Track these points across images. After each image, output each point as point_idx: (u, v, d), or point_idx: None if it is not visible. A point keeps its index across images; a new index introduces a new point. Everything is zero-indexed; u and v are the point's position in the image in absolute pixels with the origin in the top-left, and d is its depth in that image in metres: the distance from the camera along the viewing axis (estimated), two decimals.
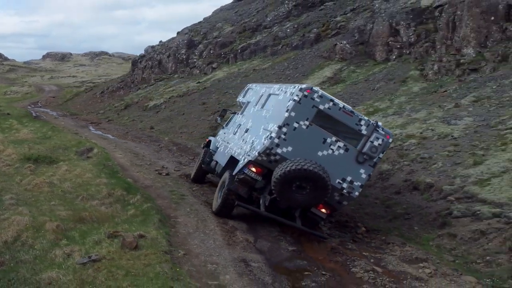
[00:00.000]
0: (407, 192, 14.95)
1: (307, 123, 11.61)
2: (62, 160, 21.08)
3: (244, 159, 12.47)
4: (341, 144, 11.80)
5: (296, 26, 41.85)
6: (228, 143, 15.03)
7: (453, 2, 27.61)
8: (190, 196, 15.44)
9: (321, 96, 11.70)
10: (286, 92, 12.49)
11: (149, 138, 28.91)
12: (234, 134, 14.89)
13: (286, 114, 11.58)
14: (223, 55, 44.05)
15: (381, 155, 11.94)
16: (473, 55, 25.24)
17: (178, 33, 60.65)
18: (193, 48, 47.40)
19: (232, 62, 42.40)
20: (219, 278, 9.59)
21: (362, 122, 11.83)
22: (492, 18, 25.30)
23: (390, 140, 12.08)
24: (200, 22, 55.68)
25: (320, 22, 40.18)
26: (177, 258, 10.42)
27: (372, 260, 10.88)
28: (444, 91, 23.17)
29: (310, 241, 12.20)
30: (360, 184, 11.89)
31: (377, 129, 11.87)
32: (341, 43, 33.58)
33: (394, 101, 24.00)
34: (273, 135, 11.59)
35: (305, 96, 11.57)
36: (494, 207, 11.94)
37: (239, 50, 43.01)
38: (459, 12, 26.59)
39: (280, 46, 39.77)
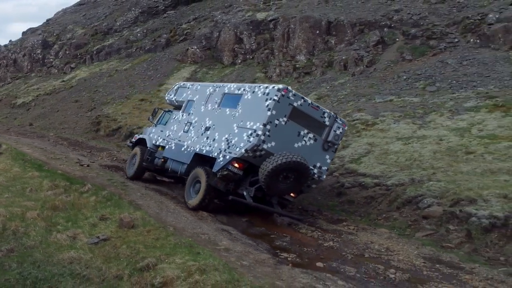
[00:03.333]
0: None
1: (285, 119, 11.49)
2: None
3: (225, 156, 11.90)
4: (311, 135, 11.87)
5: (145, 31, 41.36)
6: (180, 141, 14.10)
7: (286, 17, 30.14)
8: (130, 183, 15.15)
9: (294, 95, 11.64)
10: (254, 92, 12.12)
11: (34, 134, 26.95)
12: (186, 132, 14.00)
13: (269, 113, 11.29)
14: (79, 56, 41.80)
15: (339, 142, 12.36)
16: (305, 61, 28.04)
17: (23, 33, 55.51)
18: (49, 49, 44.11)
19: (89, 63, 40.48)
20: (219, 244, 9.95)
21: (325, 115, 11.97)
22: (317, 31, 28.30)
23: (346, 128, 12.44)
24: (48, 24, 51.59)
25: (166, 28, 40.24)
26: (173, 232, 10.52)
27: (307, 224, 12.38)
28: None
29: (251, 214, 12.96)
30: (326, 168, 12.16)
31: (336, 119, 12.09)
32: (192, 48, 34.34)
33: None
34: (259, 132, 11.26)
35: (283, 95, 11.38)
36: (373, 179, 14.18)
37: (94, 52, 41.21)
38: (292, 26, 29.16)
39: (134, 49, 39.07)
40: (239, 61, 31.48)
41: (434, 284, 8.55)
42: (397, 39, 26.30)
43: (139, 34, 41.03)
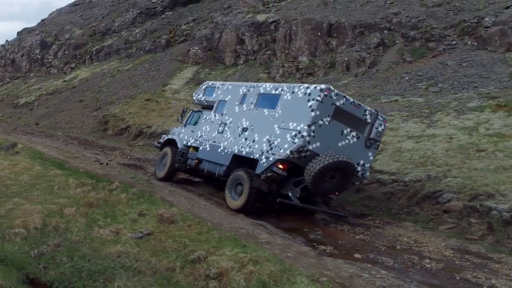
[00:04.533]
0: None
1: (328, 119, 11.42)
2: None
3: (268, 158, 11.81)
4: (354, 133, 11.82)
5: (144, 32, 41.47)
6: (215, 142, 13.90)
7: (287, 19, 30.62)
8: (155, 181, 15.39)
9: (336, 94, 11.56)
10: (294, 92, 11.99)
11: (42, 133, 27.04)
12: (221, 133, 13.83)
13: (313, 114, 11.20)
14: (78, 56, 41.74)
15: (381, 138, 12.35)
16: (307, 62, 28.55)
17: (18, 33, 55.12)
18: (47, 49, 43.96)
19: (89, 63, 40.47)
20: (259, 237, 10.35)
21: (367, 112, 11.95)
22: (319, 33, 28.84)
23: (387, 125, 12.46)
24: (45, 24, 51.32)
25: (165, 29, 40.41)
26: (213, 226, 10.83)
27: (333, 218, 12.87)
28: None
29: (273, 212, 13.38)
30: (369, 165, 12.20)
31: (378, 116, 12.06)
32: (194, 49, 34.61)
33: None
34: (304, 133, 11.19)
35: (326, 95, 11.31)
36: (390, 175, 14.72)
37: (94, 52, 41.19)
38: (294, 28, 29.65)
39: (134, 49, 39.16)
40: (241, 61, 31.86)
41: (468, 273, 9.09)
42: (397, 41, 26.97)
43: (138, 35, 41.13)
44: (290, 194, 11.95)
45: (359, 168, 11.92)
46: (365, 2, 31.07)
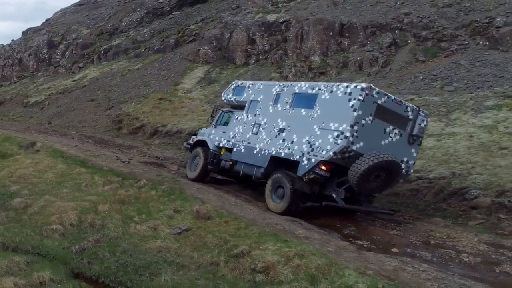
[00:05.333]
0: None
1: (371, 118, 11.28)
2: (12, 155, 19.35)
3: (310, 159, 11.68)
4: (396, 131, 11.69)
5: (152, 31, 41.63)
6: (250, 143, 13.72)
7: (299, 19, 30.85)
8: (181, 179, 15.52)
9: (378, 92, 11.45)
10: (333, 91, 11.85)
11: (56, 132, 27.14)
12: (255, 134, 13.65)
13: (355, 113, 11.05)
14: (86, 56, 41.89)
15: (424, 134, 12.24)
16: (319, 62, 28.78)
17: (23, 32, 55.22)
18: (55, 48, 44.07)
19: (97, 63, 40.59)
20: (297, 233, 10.52)
21: (408, 109, 11.83)
22: (331, 33, 29.07)
23: (429, 120, 12.32)
24: (50, 24, 51.43)
25: (173, 29, 40.58)
26: (249, 222, 11.03)
27: (363, 216, 13.09)
28: None
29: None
30: (413, 162, 12.03)
31: (419, 112, 11.94)
32: (204, 49, 34.79)
33: None
34: (348, 134, 11.04)
35: (367, 94, 11.14)
36: (414, 173, 14.83)
37: (102, 52, 41.33)
38: (306, 28, 29.86)
39: (143, 49, 39.31)
40: (252, 61, 32.05)
41: (507, 266, 9.33)
42: (409, 41, 27.21)
43: (146, 35, 41.28)
44: (334, 195, 11.80)
45: (403, 165, 11.75)
46: (375, 3, 31.32)
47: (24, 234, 11.16)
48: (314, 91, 12.44)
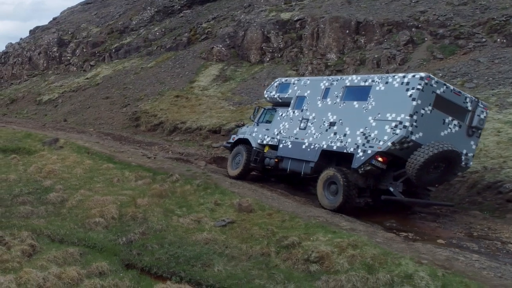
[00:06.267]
0: None
1: (430, 108, 11.14)
2: (37, 151, 19.49)
3: (365, 151, 11.52)
4: (455, 122, 11.54)
5: (163, 30, 41.73)
6: (298, 138, 13.69)
7: (314, 17, 30.96)
8: (212, 174, 15.59)
9: (437, 82, 11.29)
10: (388, 82, 11.73)
11: (73, 129, 27.24)
12: (303, 129, 13.61)
13: (414, 103, 10.93)
14: (97, 54, 41.96)
15: (484, 126, 11.99)
16: (336, 59, 28.88)
17: (30, 31, 55.39)
18: (65, 47, 44.15)
19: (109, 61, 40.66)
20: (341, 225, 10.67)
21: (467, 99, 11.67)
22: (347, 31, 29.18)
23: (488, 112, 12.12)
24: (58, 22, 51.52)
25: (185, 28, 40.67)
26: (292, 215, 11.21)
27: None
28: None
29: None
30: (472, 155, 11.84)
31: (478, 103, 11.75)
32: (218, 47, 34.87)
33: None
34: (407, 123, 10.88)
35: (426, 83, 11.02)
36: None
37: (113, 50, 41.40)
38: (322, 26, 29.97)
39: (155, 47, 39.41)
40: (267, 59, 32.15)
41: None
42: (426, 39, 27.33)
43: (157, 33, 41.38)
44: (391, 189, 11.64)
45: (462, 158, 11.53)
46: (390, 1, 31.43)
47: (67, 227, 11.33)
48: (367, 83, 12.34)
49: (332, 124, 12.79)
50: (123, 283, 8.06)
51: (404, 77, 11.57)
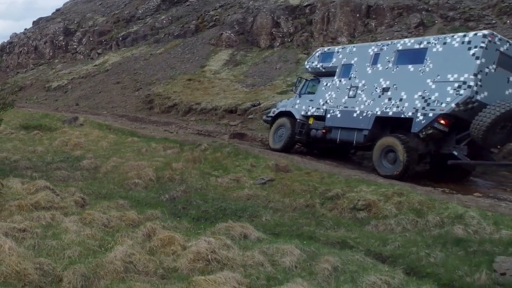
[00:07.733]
0: None
1: (494, 66, 10.77)
2: (58, 128, 19.71)
3: (426, 114, 11.24)
4: None
5: (170, 18, 41.84)
6: (347, 107, 13.38)
7: (325, 2, 31.19)
8: (237, 144, 15.76)
9: (500, 39, 10.90)
10: (447, 43, 11.40)
11: (87, 112, 27.38)
12: (352, 97, 13.27)
13: (478, 62, 10.56)
14: (104, 42, 42.03)
15: None
16: (347, 43, 29.07)
17: (34, 22, 55.34)
18: (71, 36, 44.17)
19: (116, 49, 40.75)
20: (376, 181, 10.92)
21: None
22: (358, 15, 29.43)
23: None
24: (63, 12, 51.51)
25: (192, 15, 40.79)
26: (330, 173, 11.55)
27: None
28: None
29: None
30: None
31: None
32: (227, 33, 35.04)
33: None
34: (471, 83, 10.53)
35: (490, 41, 10.65)
36: None
37: (120, 38, 41.50)
38: (332, 10, 30.21)
39: (162, 35, 39.53)
40: (277, 44, 32.36)
41: None
42: (436, 21, 27.61)
43: (164, 21, 41.48)
44: (455, 153, 11.27)
45: None
46: None
47: (108, 188, 11.50)
48: (422, 46, 12.04)
49: (385, 89, 12.47)
50: (181, 225, 8.27)
51: (464, 36, 11.27)
